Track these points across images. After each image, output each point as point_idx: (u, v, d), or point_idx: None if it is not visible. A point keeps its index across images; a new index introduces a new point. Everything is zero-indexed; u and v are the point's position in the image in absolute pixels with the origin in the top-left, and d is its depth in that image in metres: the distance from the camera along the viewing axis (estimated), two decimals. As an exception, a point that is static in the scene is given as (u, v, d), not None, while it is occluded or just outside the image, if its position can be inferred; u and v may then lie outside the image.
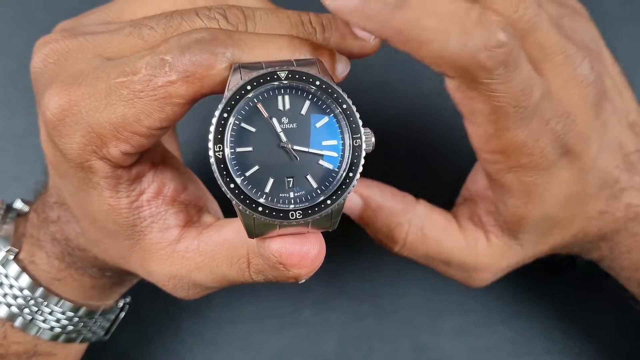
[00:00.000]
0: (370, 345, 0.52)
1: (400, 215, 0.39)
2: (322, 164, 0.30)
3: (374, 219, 0.39)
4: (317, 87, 0.29)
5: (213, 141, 0.29)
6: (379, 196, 0.39)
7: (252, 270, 0.33)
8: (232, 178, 0.29)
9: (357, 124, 0.30)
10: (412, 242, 0.39)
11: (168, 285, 0.35)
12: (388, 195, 0.40)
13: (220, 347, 0.52)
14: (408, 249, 0.40)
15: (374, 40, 0.33)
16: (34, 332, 0.39)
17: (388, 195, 0.40)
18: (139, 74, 0.30)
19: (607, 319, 0.52)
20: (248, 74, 0.29)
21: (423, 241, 0.39)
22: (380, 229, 0.40)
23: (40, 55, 0.34)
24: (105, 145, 0.31)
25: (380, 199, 0.39)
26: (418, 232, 0.39)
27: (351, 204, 0.39)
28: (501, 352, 0.52)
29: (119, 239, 0.35)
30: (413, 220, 0.39)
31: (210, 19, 0.32)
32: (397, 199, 0.40)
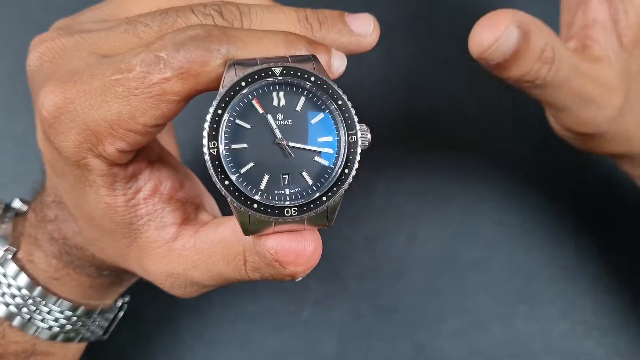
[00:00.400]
0: (370, 344, 0.52)
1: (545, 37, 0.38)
2: (318, 160, 0.30)
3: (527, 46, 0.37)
4: (312, 83, 0.29)
5: (207, 138, 0.28)
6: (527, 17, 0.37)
7: (249, 268, 0.32)
8: (227, 175, 0.28)
9: (353, 120, 0.29)
10: (558, 59, 0.38)
11: (165, 284, 0.35)
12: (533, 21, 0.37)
13: (220, 346, 0.52)
14: (556, 67, 0.38)
15: (370, 36, 0.33)
16: (32, 331, 0.39)
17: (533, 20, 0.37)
18: (134, 71, 0.30)
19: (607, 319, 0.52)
20: (243, 71, 0.29)
21: (565, 58, 0.38)
22: (534, 53, 0.37)
23: (36, 54, 0.34)
24: (101, 143, 0.31)
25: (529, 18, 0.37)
26: (560, 49, 0.38)
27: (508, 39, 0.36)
28: (500, 353, 0.52)
29: (115, 237, 0.35)
30: (554, 43, 0.38)
31: (205, 15, 0.31)
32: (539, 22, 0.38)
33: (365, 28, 0.34)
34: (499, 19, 0.36)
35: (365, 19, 0.34)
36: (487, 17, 0.36)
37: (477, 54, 0.36)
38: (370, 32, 0.33)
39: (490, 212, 0.54)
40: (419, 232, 0.54)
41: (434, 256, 0.53)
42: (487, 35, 0.36)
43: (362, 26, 0.33)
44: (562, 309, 0.52)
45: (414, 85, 0.55)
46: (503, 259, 0.53)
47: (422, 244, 0.53)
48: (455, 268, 0.53)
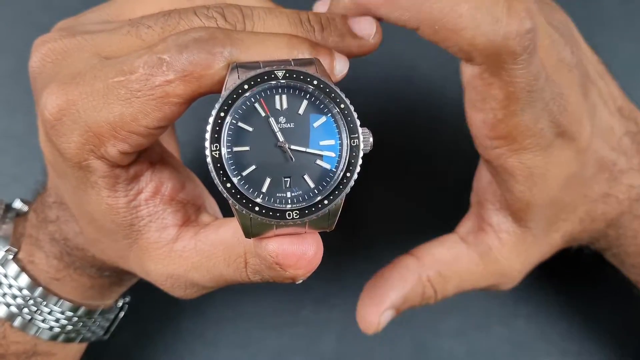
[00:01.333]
0: (370, 344, 0.52)
1: (417, 282, 0.40)
2: (320, 163, 0.30)
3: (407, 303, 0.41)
4: (314, 87, 0.29)
5: (210, 140, 0.28)
6: (397, 294, 0.41)
7: (250, 270, 0.32)
8: (229, 177, 0.29)
9: (355, 124, 0.29)
10: (440, 290, 0.41)
11: (165, 285, 0.35)
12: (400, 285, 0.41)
13: (220, 346, 0.52)
14: (441, 295, 0.41)
15: (373, 38, 0.33)
16: (33, 331, 0.39)
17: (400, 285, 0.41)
18: (137, 73, 0.30)
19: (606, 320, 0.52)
20: (245, 73, 0.29)
21: (447, 282, 0.40)
22: (415, 303, 0.41)
23: (38, 55, 0.34)
24: (103, 145, 0.31)
25: (397, 294, 0.41)
26: (438, 279, 0.40)
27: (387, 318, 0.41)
28: (500, 353, 0.52)
29: (117, 238, 0.35)
30: (429, 274, 0.40)
31: (208, 17, 0.31)
32: (403, 275, 0.41)
33: (367, 30, 0.34)
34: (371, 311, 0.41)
35: (368, 21, 0.34)
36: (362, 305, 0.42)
37: (370, 333, 0.41)
38: (372, 34, 0.33)
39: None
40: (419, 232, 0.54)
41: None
42: (369, 324, 0.41)
43: (364, 29, 0.34)
44: (562, 310, 0.52)
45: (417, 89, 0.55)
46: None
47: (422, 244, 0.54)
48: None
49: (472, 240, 0.41)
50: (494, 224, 0.40)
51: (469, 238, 0.41)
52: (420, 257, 0.41)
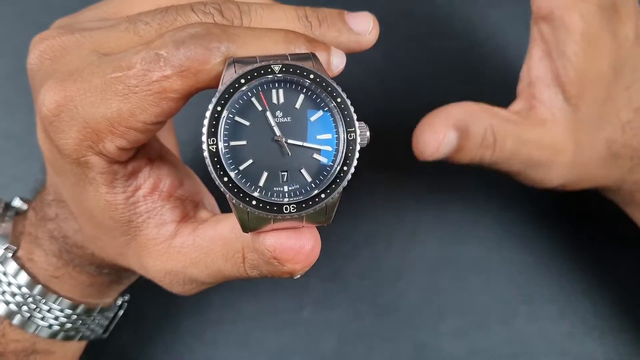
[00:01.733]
0: (370, 344, 0.52)
1: (481, 118, 0.40)
2: (317, 157, 0.30)
3: (468, 140, 0.40)
4: (311, 81, 0.29)
5: (206, 135, 0.29)
6: (462, 115, 0.40)
7: (247, 265, 0.32)
8: (226, 172, 0.29)
9: (352, 118, 0.30)
10: (500, 141, 0.40)
11: (164, 281, 0.35)
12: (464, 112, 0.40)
13: (220, 346, 0.52)
14: (499, 148, 0.40)
15: (369, 34, 0.33)
16: (32, 329, 0.39)
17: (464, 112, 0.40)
18: (134, 69, 0.30)
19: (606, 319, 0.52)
20: (242, 68, 0.29)
21: (506, 135, 0.40)
22: (475, 142, 0.40)
23: (36, 52, 0.34)
24: (101, 141, 0.31)
25: (463, 115, 0.40)
26: (500, 127, 0.40)
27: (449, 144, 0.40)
28: (500, 352, 0.52)
29: (115, 235, 0.35)
30: (492, 122, 0.40)
31: (205, 13, 0.32)
32: (467, 107, 0.40)
33: (364, 26, 0.34)
34: (436, 125, 0.39)
35: (365, 17, 0.34)
36: (426, 123, 0.40)
37: (422, 158, 0.40)
38: (369, 30, 0.34)
39: (491, 212, 0.54)
40: (419, 231, 0.54)
41: (434, 256, 0.53)
42: (429, 142, 0.40)
43: (361, 24, 0.34)
44: (562, 309, 0.52)
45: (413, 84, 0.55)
46: (503, 259, 0.53)
47: (423, 244, 0.53)
48: (455, 268, 0.53)
49: (526, 114, 0.41)
50: (545, 100, 0.41)
51: (522, 113, 0.41)
52: (484, 106, 0.41)
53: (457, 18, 0.56)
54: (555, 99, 0.40)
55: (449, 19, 0.56)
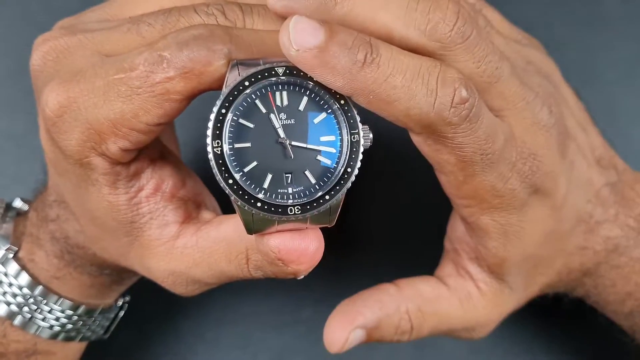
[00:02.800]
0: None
1: (395, 311, 0.39)
2: (320, 159, 0.30)
3: (379, 331, 0.39)
4: (314, 83, 0.29)
5: (211, 137, 0.29)
6: (371, 314, 0.39)
7: (251, 266, 0.33)
8: (231, 174, 0.29)
9: (355, 120, 0.30)
10: (417, 327, 0.39)
11: (167, 282, 0.35)
12: (377, 306, 0.39)
13: (221, 346, 0.52)
14: (416, 333, 0.40)
15: None
16: (33, 330, 0.39)
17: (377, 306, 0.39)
18: (137, 71, 0.30)
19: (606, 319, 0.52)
20: (246, 70, 0.29)
21: (425, 320, 0.39)
22: (388, 334, 0.40)
23: (39, 53, 0.34)
24: (104, 142, 0.31)
25: (372, 315, 0.39)
26: (417, 314, 0.39)
27: (355, 340, 0.39)
28: (500, 352, 0.52)
29: (117, 235, 0.35)
30: (409, 307, 0.39)
31: (208, 15, 0.32)
32: (382, 299, 0.39)
33: None
34: (342, 322, 0.39)
35: None
36: (334, 317, 0.40)
37: (333, 352, 0.39)
38: None
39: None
40: (420, 231, 0.54)
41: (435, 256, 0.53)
42: (336, 338, 0.39)
43: None
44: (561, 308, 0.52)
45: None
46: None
47: (423, 244, 0.53)
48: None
49: (453, 284, 0.40)
50: (471, 273, 0.39)
51: (450, 281, 0.40)
52: (403, 288, 0.40)
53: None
54: (481, 273, 0.39)
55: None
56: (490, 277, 0.39)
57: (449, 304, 0.39)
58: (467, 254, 0.40)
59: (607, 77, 0.55)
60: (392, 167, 0.54)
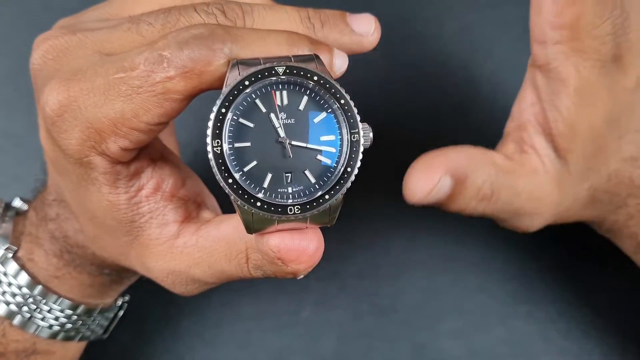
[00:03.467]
0: (370, 344, 0.52)
1: (479, 167, 0.39)
2: (320, 159, 0.30)
3: (465, 189, 0.38)
4: (315, 83, 0.29)
5: (211, 136, 0.29)
6: (463, 161, 0.38)
7: (251, 266, 0.33)
8: (231, 173, 0.29)
9: (355, 119, 0.30)
10: (496, 192, 0.39)
11: (167, 281, 0.35)
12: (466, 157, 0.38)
13: (220, 346, 0.52)
14: (494, 199, 0.39)
15: (372, 35, 0.33)
16: (32, 330, 0.39)
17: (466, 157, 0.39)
18: (137, 70, 0.30)
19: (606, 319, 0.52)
20: (246, 70, 0.29)
21: (502, 187, 0.39)
22: (472, 192, 0.39)
23: (39, 52, 0.34)
24: (104, 141, 0.31)
25: (461, 161, 0.38)
26: (496, 178, 0.39)
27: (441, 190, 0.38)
28: (499, 353, 0.52)
29: (117, 235, 0.35)
30: (490, 171, 0.39)
31: (208, 14, 0.32)
32: (465, 151, 0.39)
33: (366, 28, 0.34)
34: (432, 168, 0.37)
35: (367, 19, 0.34)
36: (421, 163, 0.38)
37: (411, 201, 0.38)
38: (371, 32, 0.34)
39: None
40: (418, 231, 0.54)
41: (433, 256, 0.53)
42: (421, 185, 0.37)
43: (363, 26, 0.34)
44: (561, 309, 0.52)
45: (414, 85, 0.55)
46: (503, 260, 0.53)
47: (422, 244, 0.54)
48: (454, 268, 0.53)
49: (519, 160, 0.40)
50: (537, 147, 0.39)
51: (515, 157, 0.40)
52: (485, 153, 0.39)
53: (458, 18, 0.56)
54: (546, 147, 0.39)
55: (450, 19, 0.56)
56: (554, 155, 0.39)
57: (520, 177, 0.39)
58: (533, 127, 0.39)
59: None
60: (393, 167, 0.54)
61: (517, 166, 0.40)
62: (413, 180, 0.38)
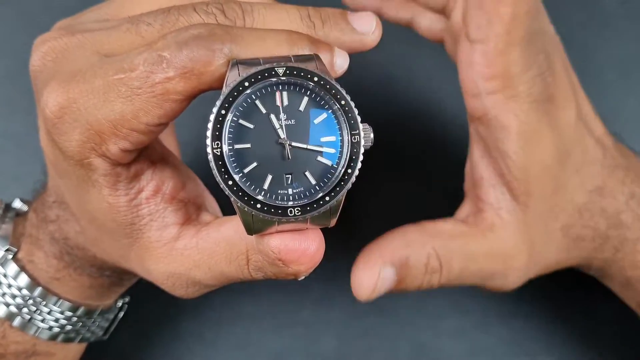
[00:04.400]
0: (370, 344, 0.52)
1: (421, 248, 0.39)
2: (321, 160, 0.30)
3: (409, 271, 0.38)
4: (315, 83, 0.29)
5: (211, 138, 0.28)
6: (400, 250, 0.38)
7: (251, 267, 0.32)
8: (231, 175, 0.28)
9: (356, 120, 0.29)
10: (445, 264, 0.39)
11: (167, 284, 0.35)
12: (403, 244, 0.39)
13: (220, 346, 0.52)
14: (446, 272, 0.39)
15: (373, 34, 0.33)
16: (32, 331, 0.39)
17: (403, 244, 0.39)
18: (137, 71, 0.30)
19: (606, 319, 0.52)
20: (246, 70, 0.29)
21: (452, 257, 0.39)
22: (418, 271, 0.39)
23: (38, 54, 0.34)
24: (104, 143, 0.31)
25: (400, 251, 0.38)
26: (444, 251, 0.39)
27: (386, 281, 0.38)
28: (500, 352, 0.52)
29: (117, 237, 0.35)
30: (434, 244, 0.39)
31: (207, 14, 0.31)
32: (406, 237, 0.39)
33: (367, 26, 0.34)
34: (369, 263, 0.38)
35: (368, 17, 0.34)
36: (360, 261, 0.39)
37: (362, 299, 0.38)
38: (372, 30, 0.34)
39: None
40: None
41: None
42: (365, 282, 0.38)
43: (364, 24, 0.34)
44: (561, 308, 0.52)
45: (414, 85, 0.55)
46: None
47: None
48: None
49: (473, 221, 0.40)
50: (492, 202, 0.39)
51: (469, 220, 0.40)
52: (425, 228, 0.39)
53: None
54: (503, 199, 0.39)
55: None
56: (512, 202, 0.39)
57: (473, 239, 0.39)
58: (487, 181, 0.39)
59: (607, 77, 0.55)
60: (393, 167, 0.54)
61: (470, 228, 0.39)
62: (356, 279, 0.39)
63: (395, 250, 0.38)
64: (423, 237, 0.39)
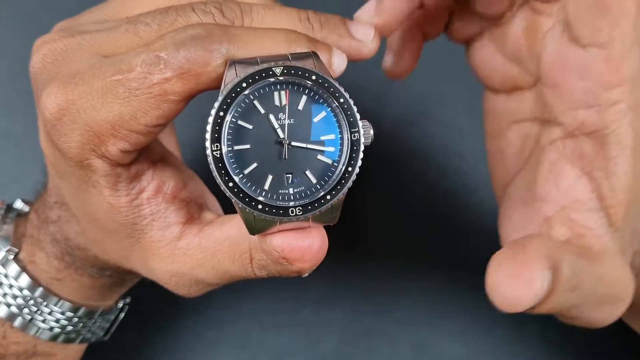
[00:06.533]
0: (370, 344, 0.52)
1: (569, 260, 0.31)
2: (321, 158, 0.30)
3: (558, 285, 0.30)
4: (313, 82, 0.29)
5: (210, 140, 0.28)
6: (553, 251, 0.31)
7: (255, 266, 0.32)
8: (231, 176, 0.28)
9: (355, 118, 0.29)
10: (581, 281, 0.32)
11: (170, 283, 0.35)
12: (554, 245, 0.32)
13: (220, 346, 0.52)
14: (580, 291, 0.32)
15: (371, 42, 0.33)
16: (33, 332, 0.39)
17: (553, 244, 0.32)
18: (135, 72, 0.30)
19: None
20: (243, 70, 0.29)
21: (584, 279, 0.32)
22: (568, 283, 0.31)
23: (38, 56, 0.34)
24: (104, 144, 0.31)
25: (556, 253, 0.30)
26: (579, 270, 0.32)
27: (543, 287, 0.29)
28: (500, 352, 0.52)
29: (119, 237, 0.35)
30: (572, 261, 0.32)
31: (205, 13, 0.31)
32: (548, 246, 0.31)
33: (366, 35, 0.34)
34: (528, 265, 0.30)
35: (367, 26, 0.34)
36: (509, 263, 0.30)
37: (508, 311, 0.30)
38: (370, 39, 0.33)
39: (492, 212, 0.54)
40: (419, 231, 0.54)
41: (434, 255, 0.53)
42: (520, 293, 0.29)
43: (362, 32, 0.34)
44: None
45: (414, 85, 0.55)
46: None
47: (422, 243, 0.54)
48: (455, 267, 0.53)
49: (581, 246, 0.34)
50: (592, 226, 0.34)
51: (574, 243, 0.34)
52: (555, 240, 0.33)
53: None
54: (601, 224, 0.33)
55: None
56: (610, 228, 0.33)
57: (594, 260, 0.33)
58: (584, 206, 0.33)
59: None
60: (392, 167, 0.54)
61: (585, 251, 0.33)
62: (507, 287, 0.30)
63: (549, 252, 0.30)
64: (563, 246, 0.32)
